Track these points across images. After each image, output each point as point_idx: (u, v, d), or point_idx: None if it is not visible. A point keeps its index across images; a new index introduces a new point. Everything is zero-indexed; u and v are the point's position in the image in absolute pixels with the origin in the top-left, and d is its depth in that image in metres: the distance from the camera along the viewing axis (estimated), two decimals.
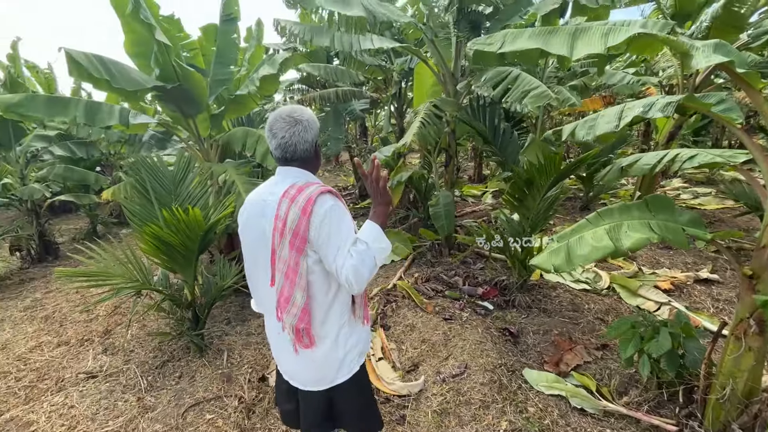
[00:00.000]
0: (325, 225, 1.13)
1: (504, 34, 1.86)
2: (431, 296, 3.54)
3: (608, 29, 1.67)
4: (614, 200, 6.50)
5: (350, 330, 1.32)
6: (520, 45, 1.75)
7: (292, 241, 1.14)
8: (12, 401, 2.51)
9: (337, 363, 1.30)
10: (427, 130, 3.38)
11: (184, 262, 2.61)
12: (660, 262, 3.96)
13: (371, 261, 1.14)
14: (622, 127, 1.85)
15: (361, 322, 1.37)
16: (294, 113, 1.20)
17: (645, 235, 1.65)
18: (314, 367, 1.30)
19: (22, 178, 5.30)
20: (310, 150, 1.24)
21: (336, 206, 1.17)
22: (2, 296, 4.34)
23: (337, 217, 1.15)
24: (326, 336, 1.27)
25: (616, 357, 2.54)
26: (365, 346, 1.41)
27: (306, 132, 1.21)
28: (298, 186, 1.17)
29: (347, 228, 1.17)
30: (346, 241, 1.15)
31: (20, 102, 2.98)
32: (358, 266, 1.11)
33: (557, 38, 1.73)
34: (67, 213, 9.12)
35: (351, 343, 1.32)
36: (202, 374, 2.63)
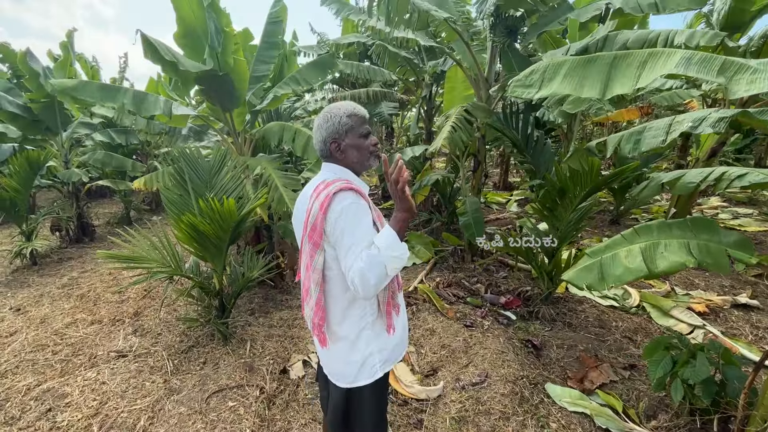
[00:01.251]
0: (340, 222, 1.12)
1: (543, 71, 1.80)
2: (452, 302, 3.52)
3: (647, 57, 1.56)
4: (646, 215, 6.27)
5: (374, 334, 1.27)
6: (555, 89, 1.68)
7: (311, 234, 1.17)
8: (49, 373, 2.65)
9: (357, 366, 1.27)
10: (457, 135, 3.35)
11: (215, 251, 2.69)
12: (695, 284, 3.80)
13: (380, 268, 1.08)
14: (668, 142, 1.79)
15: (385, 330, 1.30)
16: (324, 111, 1.26)
17: (681, 260, 1.58)
18: (335, 361, 1.31)
19: (66, 162, 5.59)
20: (323, 148, 1.26)
21: (354, 204, 1.14)
22: (43, 273, 4.59)
23: (352, 215, 1.12)
24: (345, 336, 1.26)
25: (644, 378, 2.45)
26: (393, 355, 1.34)
27: (319, 131, 1.25)
28: (327, 182, 1.19)
29: (363, 228, 1.13)
30: (359, 241, 1.11)
31: (75, 86, 3.17)
32: (365, 271, 1.07)
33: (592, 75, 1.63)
34: (103, 197, 9.57)
35: (373, 348, 1.27)
36: (225, 362, 2.70)
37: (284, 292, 3.77)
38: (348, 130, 1.24)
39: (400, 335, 1.36)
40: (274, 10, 4.04)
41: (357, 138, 1.25)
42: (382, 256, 1.08)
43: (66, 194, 5.81)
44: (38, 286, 4.21)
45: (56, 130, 5.29)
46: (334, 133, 1.23)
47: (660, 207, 6.34)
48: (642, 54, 1.51)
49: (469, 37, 3.66)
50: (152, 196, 7.97)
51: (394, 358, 1.36)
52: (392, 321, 1.30)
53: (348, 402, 1.34)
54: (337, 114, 1.23)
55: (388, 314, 1.29)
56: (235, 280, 2.98)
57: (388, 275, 1.11)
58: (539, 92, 1.75)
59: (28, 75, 4.66)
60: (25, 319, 3.44)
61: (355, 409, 1.34)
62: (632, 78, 1.44)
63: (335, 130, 1.23)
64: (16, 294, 3.99)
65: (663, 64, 1.40)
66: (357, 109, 1.26)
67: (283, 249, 4.00)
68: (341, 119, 1.22)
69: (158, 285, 3.72)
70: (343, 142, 1.24)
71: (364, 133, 1.26)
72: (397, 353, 1.36)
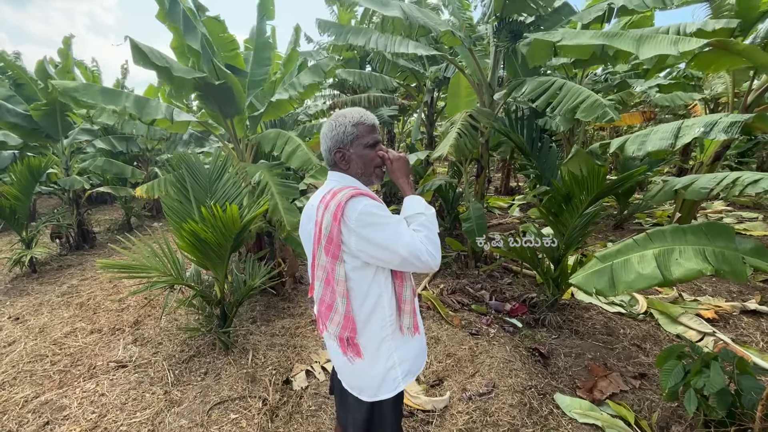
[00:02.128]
0: (362, 224, 1.08)
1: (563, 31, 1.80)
2: (457, 309, 3.47)
3: (675, 39, 1.59)
4: (650, 220, 6.23)
5: (395, 344, 1.23)
6: (583, 40, 1.69)
7: (327, 247, 1.13)
8: (47, 384, 2.60)
9: (379, 379, 1.23)
10: (463, 142, 3.32)
11: (217, 259, 2.65)
12: (702, 289, 3.75)
13: (435, 224, 1.16)
14: (677, 147, 1.76)
15: (410, 334, 1.25)
16: (330, 119, 1.24)
17: (697, 267, 1.54)
18: (356, 375, 1.27)
19: (67, 169, 5.56)
20: (328, 157, 1.24)
21: (369, 205, 1.11)
22: (42, 281, 4.54)
23: (376, 214, 1.10)
24: (365, 348, 1.22)
25: (655, 388, 2.39)
26: (414, 366, 1.29)
27: (325, 139, 1.23)
28: (333, 191, 1.15)
29: (389, 215, 1.12)
30: (398, 224, 1.11)
31: (77, 88, 3.15)
32: (429, 235, 1.12)
33: (622, 40, 1.67)
34: (103, 204, 9.55)
35: (395, 359, 1.23)
36: (227, 372, 2.65)
37: (286, 300, 3.72)
38: (353, 140, 1.19)
39: (420, 347, 1.33)
40: (260, 3, 3.98)
41: (363, 148, 1.21)
42: (428, 216, 1.18)
43: (66, 201, 5.78)
44: (37, 294, 4.16)
45: (57, 137, 5.27)
46: (339, 142, 1.20)
47: (664, 211, 6.30)
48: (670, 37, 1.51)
49: (472, 42, 3.65)
50: (153, 203, 7.94)
51: (416, 369, 1.32)
52: (417, 320, 1.28)
53: (370, 416, 1.30)
54: (342, 123, 1.19)
55: (415, 313, 1.27)
56: (237, 288, 2.93)
57: (436, 231, 1.17)
58: (563, 41, 1.78)
59: (43, 84, 4.71)
60: (23, 328, 3.39)
61: (377, 422, 1.31)
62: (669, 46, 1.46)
63: (340, 139, 1.20)
64: (14, 303, 3.95)
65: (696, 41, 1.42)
66: (364, 118, 1.21)
67: (284, 256, 3.96)
68: (346, 128, 1.19)
69: (159, 294, 3.68)
70: (348, 152, 1.20)
71: (371, 143, 1.21)
72: (418, 364, 1.33)
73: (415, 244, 1.08)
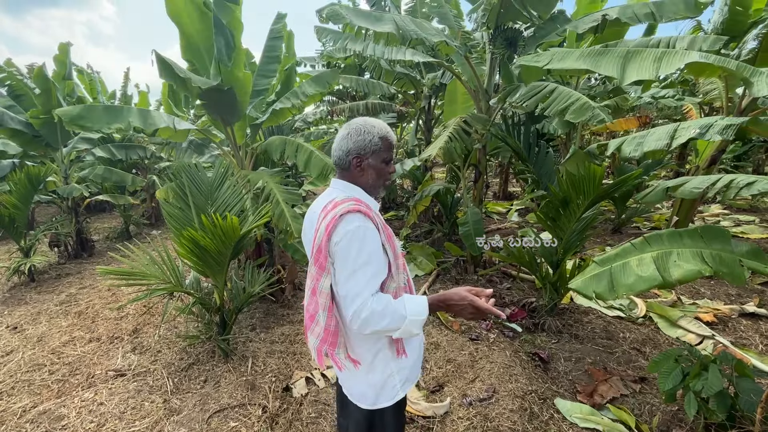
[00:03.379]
0: (342, 244, 1.07)
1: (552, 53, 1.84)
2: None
3: (661, 54, 1.62)
4: (647, 224, 6.25)
5: (391, 354, 1.23)
6: (569, 65, 1.72)
7: (316, 256, 1.12)
8: (45, 394, 2.58)
9: (377, 387, 1.24)
10: (453, 145, 3.35)
11: (216, 266, 2.65)
12: (700, 293, 3.76)
13: (391, 327, 1.06)
14: (673, 147, 1.78)
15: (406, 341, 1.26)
16: (357, 123, 1.20)
17: (696, 267, 1.56)
18: (355, 382, 1.28)
19: (66, 177, 5.57)
20: (343, 158, 1.20)
21: (362, 228, 1.08)
22: (40, 289, 4.53)
23: (358, 240, 1.06)
24: (361, 359, 1.22)
25: (655, 392, 2.39)
26: (412, 374, 1.31)
27: (345, 140, 1.19)
28: (335, 201, 1.14)
29: (370, 253, 1.08)
30: (364, 266, 1.06)
31: (80, 113, 3.16)
32: (374, 318, 1.03)
33: (607, 60, 1.70)
34: (102, 212, 9.53)
35: (393, 369, 1.24)
36: (226, 380, 2.64)
37: (285, 307, 3.72)
38: (375, 151, 1.19)
39: (416, 354, 1.32)
40: (276, 26, 4.09)
41: (380, 162, 1.21)
42: (404, 321, 1.06)
43: (65, 209, 5.78)
44: (36, 303, 4.14)
45: (56, 145, 5.29)
46: (361, 149, 1.18)
47: (661, 215, 6.33)
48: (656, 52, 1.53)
49: (467, 50, 3.69)
50: (152, 210, 7.93)
51: (414, 377, 1.33)
52: (401, 343, 1.24)
53: (371, 424, 1.30)
54: (371, 132, 1.18)
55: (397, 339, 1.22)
56: (237, 295, 2.93)
57: (392, 335, 1.10)
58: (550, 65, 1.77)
59: (40, 91, 4.68)
60: (21, 337, 3.37)
61: (378, 430, 1.31)
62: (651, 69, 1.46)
63: (363, 146, 1.18)
64: (12, 312, 3.93)
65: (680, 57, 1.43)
66: (390, 135, 1.22)
67: (284, 262, 3.96)
68: (373, 138, 1.18)
69: (158, 301, 3.67)
70: (367, 160, 1.20)
71: (388, 159, 1.23)
72: (415, 372, 1.33)
73: (357, 299, 1.04)
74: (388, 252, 1.15)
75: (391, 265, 1.15)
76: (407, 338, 1.23)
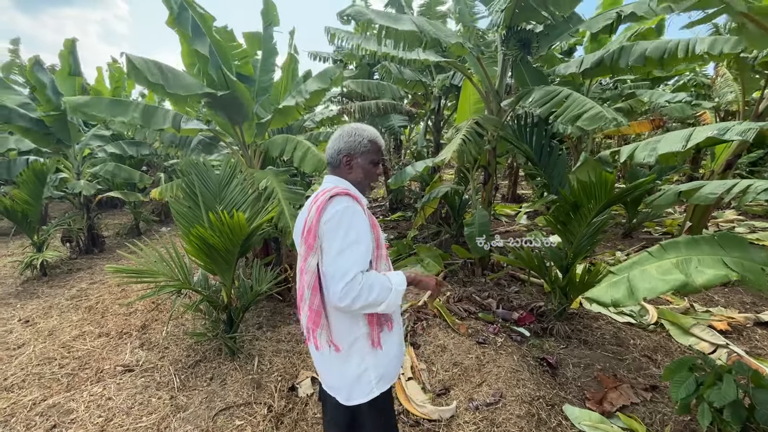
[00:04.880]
0: (331, 224, 1.13)
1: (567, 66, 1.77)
2: (463, 317, 3.44)
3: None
4: (659, 229, 6.15)
5: (368, 346, 1.26)
6: None
7: (306, 237, 1.17)
8: (55, 387, 2.61)
9: (351, 381, 1.26)
10: (467, 148, 3.32)
11: (224, 264, 2.66)
12: (714, 300, 3.68)
13: (380, 298, 1.13)
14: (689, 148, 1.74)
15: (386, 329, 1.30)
16: (349, 126, 1.32)
17: (722, 272, 1.51)
18: (330, 373, 1.31)
19: (78, 174, 5.65)
20: (334, 157, 1.31)
21: (350, 208, 1.16)
22: (52, 284, 4.60)
23: (347, 219, 1.14)
24: (337, 343, 1.25)
25: (667, 401, 2.35)
26: (388, 371, 1.32)
27: (338, 140, 1.30)
28: (325, 190, 1.22)
29: (358, 232, 1.15)
30: (352, 245, 1.12)
31: (86, 102, 3.21)
32: (363, 291, 1.10)
33: None
34: (113, 208, 9.66)
35: (368, 363, 1.26)
36: (233, 378, 2.65)
37: (292, 306, 3.72)
38: (364, 152, 1.30)
39: (395, 350, 1.35)
40: (264, 12, 3.99)
41: (368, 163, 1.32)
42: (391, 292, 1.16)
43: (77, 205, 5.87)
44: (47, 297, 4.21)
45: (68, 142, 5.37)
46: (351, 149, 1.29)
47: (674, 220, 6.22)
48: None
49: (480, 51, 3.66)
50: (161, 207, 8.02)
51: (392, 376, 1.34)
52: (377, 335, 1.28)
53: (350, 420, 1.33)
54: (361, 134, 1.30)
55: (372, 326, 1.27)
56: (244, 293, 2.94)
57: (376, 309, 1.15)
58: None
59: (36, 86, 4.66)
60: (33, 331, 3.42)
61: (357, 428, 1.33)
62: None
63: (353, 146, 1.29)
64: (25, 305, 3.99)
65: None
66: (378, 140, 1.33)
67: (291, 261, 3.97)
68: (363, 140, 1.29)
69: (166, 298, 3.70)
70: (356, 159, 1.30)
71: (376, 161, 1.33)
72: (393, 370, 1.35)
73: (348, 274, 1.09)
74: (371, 237, 1.21)
75: (372, 253, 1.21)
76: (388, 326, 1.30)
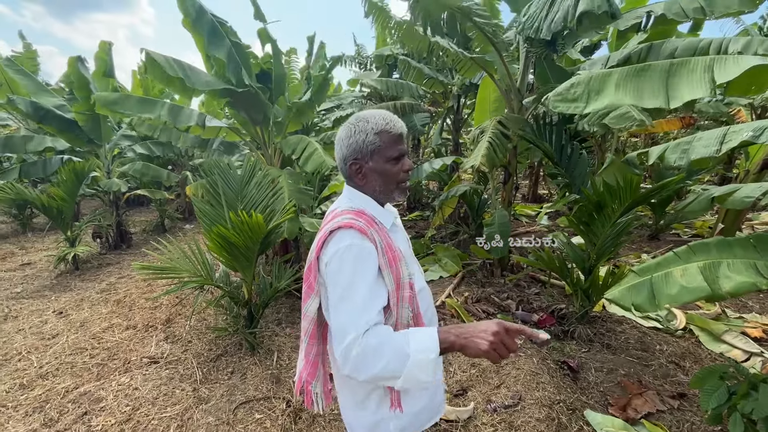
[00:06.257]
0: (332, 266, 0.91)
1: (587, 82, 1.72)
2: (482, 318, 3.40)
3: (710, 62, 1.48)
4: (688, 231, 5.91)
5: (386, 395, 1.03)
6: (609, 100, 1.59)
7: (306, 275, 1.00)
8: (86, 376, 2.74)
9: (367, 428, 1.06)
10: (495, 152, 3.27)
11: (245, 261, 2.72)
12: (748, 306, 3.51)
13: (391, 369, 0.81)
14: (723, 153, 1.67)
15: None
16: (349, 121, 1.02)
17: (750, 279, 1.44)
18: (345, 409, 1.15)
19: (108, 172, 5.89)
20: (342, 167, 1.03)
21: (354, 247, 0.90)
22: (84, 277, 4.81)
23: (349, 262, 0.89)
24: (354, 393, 1.07)
25: (696, 410, 2.25)
26: (416, 420, 1.07)
27: (340, 145, 1.02)
28: (335, 212, 1.00)
29: (362, 277, 0.89)
30: (354, 294, 0.87)
31: (115, 100, 3.34)
32: (368, 358, 0.81)
33: (649, 82, 1.56)
34: (140, 206, 10.02)
35: (385, 413, 1.02)
36: (252, 372, 2.70)
37: None
38: (374, 151, 0.97)
39: (426, 400, 1.10)
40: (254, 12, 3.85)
41: (384, 162, 0.99)
42: (408, 367, 0.81)
43: (107, 203, 6.12)
44: (79, 290, 4.40)
45: (100, 142, 5.60)
46: (356, 152, 0.98)
47: (705, 222, 5.96)
48: (704, 61, 1.41)
49: (504, 47, 3.61)
50: (185, 205, 8.26)
51: (418, 426, 1.08)
52: (395, 394, 1.01)
53: None
54: (363, 129, 0.97)
55: (390, 388, 1.00)
56: (264, 290, 3.00)
57: (395, 384, 0.83)
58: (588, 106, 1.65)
59: (77, 83, 4.81)
60: (66, 322, 3.59)
61: None
62: (701, 83, 1.34)
63: (358, 148, 0.98)
64: (59, 297, 4.19)
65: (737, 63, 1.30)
66: (390, 125, 0.98)
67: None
68: (367, 136, 0.96)
69: (190, 293, 3.81)
70: (366, 164, 0.99)
71: (395, 156, 0.99)
72: (422, 419, 1.09)
73: (348, 334, 0.84)
74: (386, 279, 0.94)
75: (390, 296, 0.94)
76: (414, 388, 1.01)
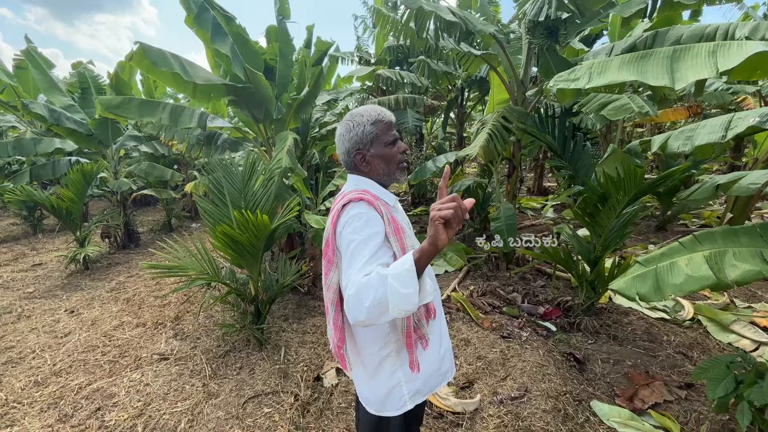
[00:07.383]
0: (345, 233, 1.02)
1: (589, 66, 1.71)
2: (487, 311, 3.40)
3: (714, 48, 1.46)
4: (696, 221, 5.85)
5: (399, 362, 1.14)
6: (611, 78, 1.58)
7: (325, 250, 1.10)
8: (98, 373, 2.79)
9: (382, 395, 1.17)
10: (493, 144, 3.25)
11: (250, 258, 2.75)
12: (757, 296, 3.47)
13: (378, 296, 0.87)
14: (728, 140, 1.65)
15: (421, 346, 1.16)
16: (345, 119, 1.16)
17: (756, 268, 1.43)
18: (361, 384, 1.24)
19: (115, 173, 5.95)
20: (347, 160, 1.18)
21: (361, 215, 1.03)
22: (93, 277, 4.88)
23: (357, 226, 1.01)
24: (366, 365, 1.18)
25: (703, 399, 2.25)
26: (426, 385, 1.19)
27: (341, 141, 1.16)
28: (344, 194, 1.13)
29: (368, 240, 0.99)
30: (360, 253, 0.97)
31: (119, 103, 3.37)
32: (360, 294, 0.89)
33: (653, 65, 1.54)
34: (147, 206, 10.11)
35: (399, 378, 1.14)
36: (261, 367, 2.74)
37: (317, 298, 3.80)
38: (373, 139, 1.13)
39: (435, 366, 1.21)
40: (277, 7, 3.98)
41: (383, 147, 1.14)
42: (387, 286, 0.88)
43: (115, 203, 6.19)
44: (90, 289, 4.47)
45: (108, 143, 5.66)
46: (358, 143, 1.13)
47: (713, 212, 5.89)
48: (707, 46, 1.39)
49: (506, 40, 3.58)
50: (192, 204, 8.33)
51: (428, 389, 1.22)
52: (414, 357, 1.13)
53: (377, 428, 1.25)
54: (360, 122, 1.12)
55: (409, 347, 1.13)
56: (270, 286, 3.03)
57: (389, 312, 0.88)
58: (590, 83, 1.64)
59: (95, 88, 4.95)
60: (78, 320, 3.66)
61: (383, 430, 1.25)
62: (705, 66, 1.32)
63: (359, 140, 1.13)
64: (70, 297, 4.26)
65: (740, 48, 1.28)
66: (382, 115, 1.14)
67: (314, 254, 4.04)
68: (365, 128, 1.12)
69: (197, 291, 3.86)
70: (369, 152, 1.14)
71: (391, 141, 1.15)
72: (432, 384, 1.22)
73: (351, 280, 0.94)
74: (393, 245, 1.05)
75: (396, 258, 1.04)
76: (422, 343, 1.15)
